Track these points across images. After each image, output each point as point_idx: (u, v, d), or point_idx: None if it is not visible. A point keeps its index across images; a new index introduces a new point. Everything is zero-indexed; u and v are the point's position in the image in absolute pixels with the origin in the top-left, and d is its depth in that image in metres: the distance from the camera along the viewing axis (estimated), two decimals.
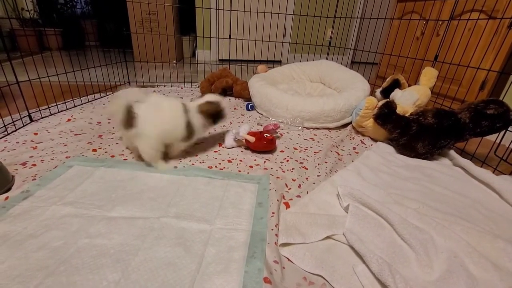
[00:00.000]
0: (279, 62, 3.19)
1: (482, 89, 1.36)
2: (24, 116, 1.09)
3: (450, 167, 0.96)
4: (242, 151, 0.98)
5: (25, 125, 1.06)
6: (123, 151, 0.92)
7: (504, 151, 0.99)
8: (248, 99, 1.52)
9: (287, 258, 0.55)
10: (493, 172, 0.91)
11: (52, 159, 0.84)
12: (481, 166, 0.95)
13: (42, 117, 1.14)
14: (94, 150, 0.91)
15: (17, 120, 1.06)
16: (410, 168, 0.93)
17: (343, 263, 0.55)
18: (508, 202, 0.77)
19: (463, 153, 1.06)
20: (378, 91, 1.32)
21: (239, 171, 0.86)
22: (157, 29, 2.52)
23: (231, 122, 1.25)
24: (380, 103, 1.07)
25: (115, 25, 3.14)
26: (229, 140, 0.99)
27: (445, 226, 0.62)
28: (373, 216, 0.66)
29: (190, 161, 0.89)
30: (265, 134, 0.96)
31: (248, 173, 0.85)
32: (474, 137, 0.95)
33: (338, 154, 1.02)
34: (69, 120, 1.13)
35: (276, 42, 2.05)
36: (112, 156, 0.89)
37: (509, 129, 0.93)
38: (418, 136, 0.97)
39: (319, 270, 0.53)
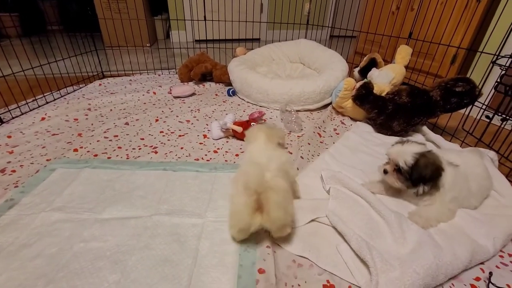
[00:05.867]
0: (257, 40, 3.11)
1: (453, 63, 1.42)
2: None
3: (423, 142, 1.02)
4: (227, 141, 0.99)
5: None
6: (105, 149, 0.91)
7: (471, 123, 1.06)
8: (228, 83, 1.50)
9: (277, 244, 0.60)
10: (461, 145, 0.99)
11: (32, 163, 0.82)
12: (450, 140, 1.02)
13: (13, 118, 1.08)
14: (76, 150, 0.89)
15: None
16: (387, 147, 0.98)
17: (328, 244, 0.60)
18: None
19: (435, 127, 1.12)
20: (356, 71, 1.34)
21: (226, 161, 0.88)
22: (126, 10, 2.36)
23: (213, 111, 1.25)
24: (358, 84, 1.10)
25: (78, 5, 2.89)
26: (216, 131, 0.98)
27: None
28: (351, 196, 0.71)
29: (176, 155, 0.90)
30: (251, 123, 0.97)
31: (234, 162, 0.87)
32: (444, 113, 1.01)
33: (320, 135, 1.06)
34: (43, 119, 1.09)
35: (253, 22, 1.99)
36: (95, 155, 0.87)
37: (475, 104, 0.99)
38: (394, 115, 1.02)
39: (306, 253, 0.58)
